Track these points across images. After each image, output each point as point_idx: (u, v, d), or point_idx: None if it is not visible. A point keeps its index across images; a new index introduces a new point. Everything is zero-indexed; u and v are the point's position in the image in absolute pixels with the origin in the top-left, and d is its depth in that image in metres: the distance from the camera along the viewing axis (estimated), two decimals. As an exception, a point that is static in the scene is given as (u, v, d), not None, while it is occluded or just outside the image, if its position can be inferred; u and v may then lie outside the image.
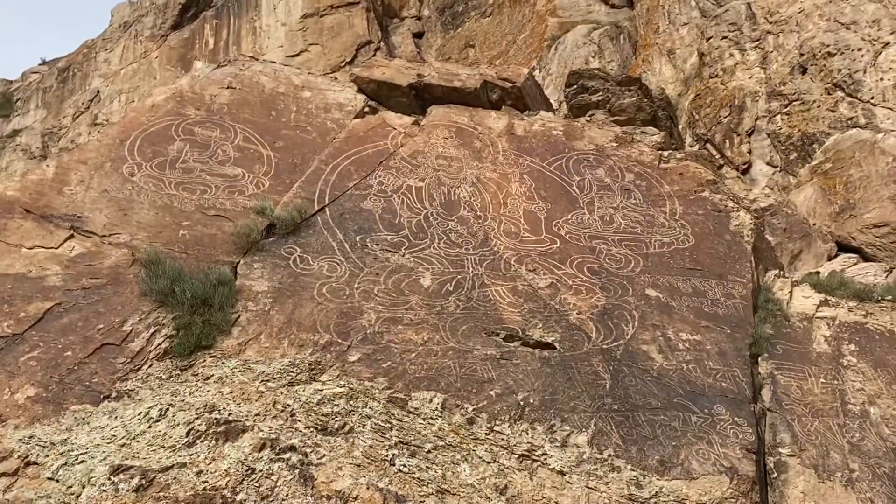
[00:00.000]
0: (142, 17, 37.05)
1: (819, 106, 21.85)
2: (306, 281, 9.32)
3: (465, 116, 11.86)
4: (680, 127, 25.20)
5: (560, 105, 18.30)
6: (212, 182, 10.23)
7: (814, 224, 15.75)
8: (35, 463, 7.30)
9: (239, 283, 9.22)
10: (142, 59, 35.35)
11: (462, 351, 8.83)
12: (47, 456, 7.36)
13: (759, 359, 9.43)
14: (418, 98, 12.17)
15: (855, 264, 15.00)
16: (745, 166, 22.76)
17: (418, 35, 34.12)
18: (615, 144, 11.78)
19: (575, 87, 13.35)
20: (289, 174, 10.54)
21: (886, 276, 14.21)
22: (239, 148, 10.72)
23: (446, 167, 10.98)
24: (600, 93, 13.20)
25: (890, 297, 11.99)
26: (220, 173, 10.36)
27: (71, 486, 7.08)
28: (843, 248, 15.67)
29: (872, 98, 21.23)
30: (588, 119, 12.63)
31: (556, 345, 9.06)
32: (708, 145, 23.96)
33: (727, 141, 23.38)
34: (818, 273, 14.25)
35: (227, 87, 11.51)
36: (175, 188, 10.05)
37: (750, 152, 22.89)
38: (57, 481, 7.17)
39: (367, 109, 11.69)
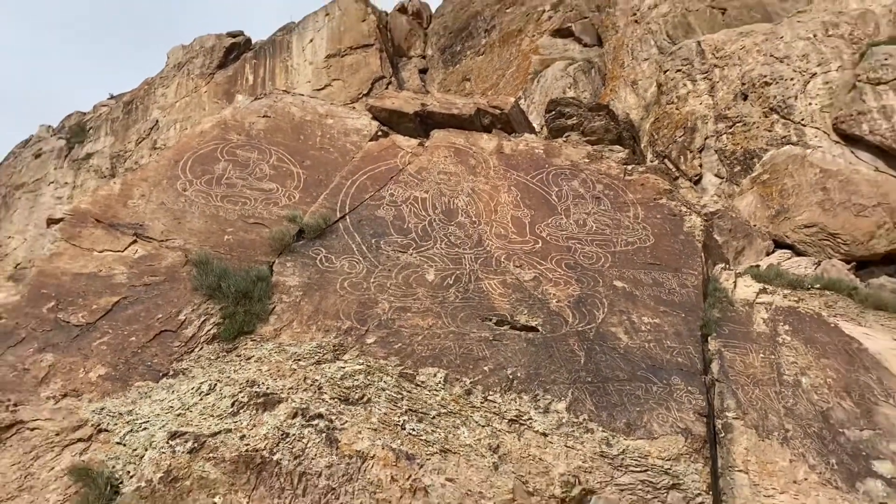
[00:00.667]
0: (192, 58, 37.08)
1: (758, 127, 21.90)
2: (330, 276, 9.36)
3: (462, 138, 11.89)
4: (642, 145, 25.21)
5: (541, 128, 18.31)
6: (251, 195, 10.25)
7: (754, 225, 15.80)
8: (106, 430, 7.36)
9: (274, 279, 9.25)
10: (192, 93, 35.38)
11: (460, 334, 8.86)
12: (115, 424, 7.42)
13: (709, 338, 9.46)
14: (423, 123, 12.21)
15: (789, 258, 15.03)
16: (696, 178, 22.80)
17: (423, 71, 34.13)
18: (587, 160, 11.81)
19: (553, 112, 13.42)
20: (315, 188, 10.57)
21: (815, 268, 14.23)
22: (273, 167, 10.75)
23: (446, 181, 11.02)
24: (574, 117, 13.25)
25: (818, 286, 12.01)
26: (257, 188, 10.39)
27: (136, 449, 7.13)
28: (779, 245, 15.71)
29: (802, 120, 21.28)
30: (565, 139, 12.67)
31: (539, 328, 9.09)
32: (665, 160, 23.98)
33: (681, 157, 23.41)
34: (758, 266, 14.29)
35: (263, 116, 11.54)
36: (220, 200, 10.09)
37: (700, 166, 22.92)
38: (124, 445, 7.23)
39: (380, 133, 11.72)
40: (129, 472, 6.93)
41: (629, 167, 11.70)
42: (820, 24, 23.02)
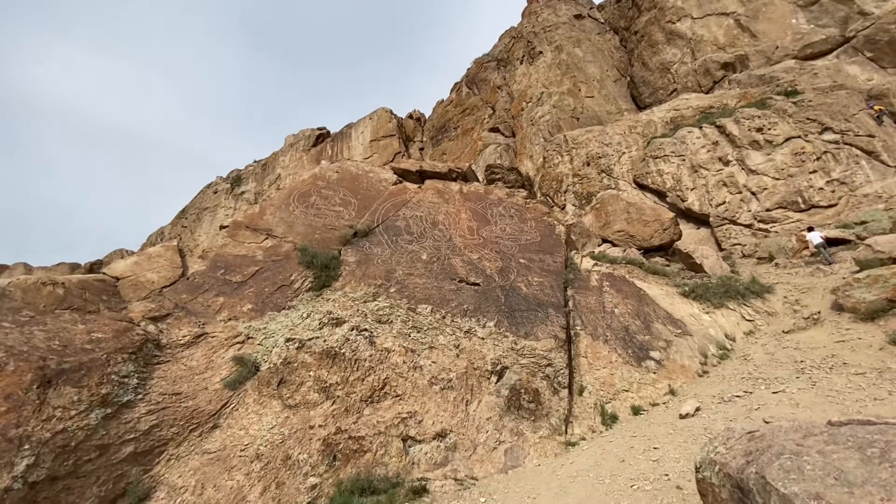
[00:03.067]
0: (299, 141, 36.54)
1: (594, 180, 21.95)
2: (371, 257, 9.30)
3: (441, 184, 11.87)
4: (535, 189, 25.30)
5: (483, 179, 18.33)
6: (329, 213, 10.15)
7: (591, 230, 15.93)
8: (251, 338, 7.28)
9: (341, 258, 9.16)
10: (298, 160, 34.87)
11: (440, 287, 8.86)
12: (256, 334, 7.34)
13: (567, 288, 9.54)
14: (420, 176, 12.19)
15: (610, 248, 15.13)
16: (563, 205, 22.80)
17: (421, 149, 33.88)
18: (507, 196, 11.84)
19: (489, 171, 13.47)
20: (363, 210, 10.49)
21: (623, 252, 14.35)
22: (341, 198, 10.65)
23: (433, 206, 10.99)
24: (499, 174, 13.30)
25: (625, 261, 12.14)
26: (333, 210, 10.29)
27: (267, 348, 7.08)
28: (605, 241, 15.82)
29: (618, 176, 21.37)
30: (494, 185, 12.68)
31: (480, 283, 9.11)
32: (547, 197, 23.88)
33: (555, 195, 23.34)
34: (594, 252, 14.38)
35: (336, 172, 11.43)
36: (312, 216, 9.97)
37: (565, 200, 22.93)
38: (261, 345, 7.17)
39: (398, 181, 11.67)
40: (264, 359, 6.90)
41: (528, 201, 11.75)
42: (627, 127, 23.10)
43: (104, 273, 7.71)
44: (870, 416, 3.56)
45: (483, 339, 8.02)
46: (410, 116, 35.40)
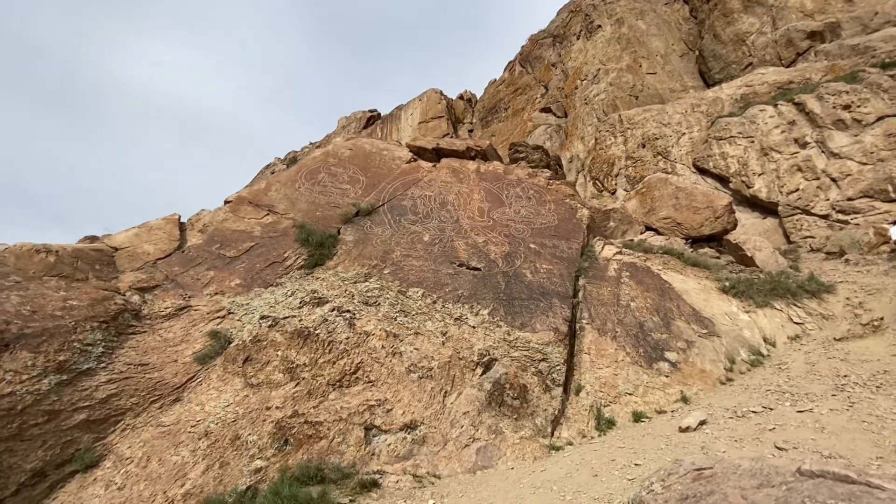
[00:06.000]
0: (350, 123, 37.09)
1: (648, 163, 20.59)
2: (370, 237, 9.02)
3: (457, 163, 11.34)
4: (584, 172, 24.09)
5: (507, 158, 17.48)
6: (335, 191, 9.96)
7: (634, 216, 14.72)
8: (232, 313, 7.23)
9: (340, 236, 8.96)
10: (348, 141, 35.41)
11: (436, 270, 8.44)
12: (238, 309, 7.28)
13: (579, 278, 8.79)
14: (437, 154, 11.67)
15: (653, 236, 13.93)
16: (613, 191, 21.63)
17: (470, 130, 33.22)
18: (528, 177, 11.09)
19: (512, 150, 12.72)
20: (371, 188, 10.21)
21: (666, 241, 13.15)
22: (350, 176, 10.43)
23: (444, 186, 10.51)
24: (523, 152, 12.52)
25: (661, 251, 11.11)
26: (339, 188, 10.09)
27: (244, 324, 7.01)
28: (648, 228, 14.61)
29: (675, 159, 19.92)
30: (516, 165, 11.92)
31: (482, 268, 8.58)
32: (596, 181, 22.80)
33: (605, 179, 22.19)
34: (632, 240, 13.33)
35: (349, 149, 11.21)
36: (317, 194, 9.82)
37: (616, 185, 21.73)
38: (240, 321, 7.10)
39: (412, 159, 11.26)
40: (239, 335, 6.82)
41: (550, 182, 10.93)
42: (689, 105, 21.36)
43: (104, 242, 7.98)
44: (858, 470, 2.77)
45: (474, 327, 7.52)
46: (461, 97, 34.79)
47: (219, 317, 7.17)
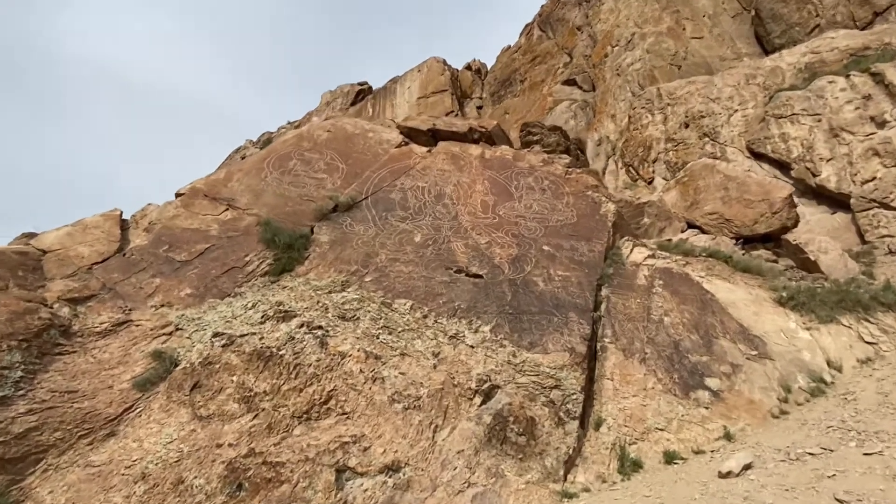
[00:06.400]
0: (336, 98, 37.13)
1: (693, 146, 20.44)
2: (350, 236, 8.93)
3: (458, 147, 11.21)
4: (615, 157, 23.94)
5: (519, 141, 17.31)
6: (308, 182, 9.88)
7: (674, 211, 14.51)
8: (181, 329, 7.19)
9: (313, 236, 8.90)
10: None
11: (429, 277, 8.33)
12: (188, 325, 7.25)
13: (602, 287, 8.63)
14: (433, 137, 11.54)
15: (696, 235, 13.74)
16: (650, 179, 21.51)
17: (479, 107, 33.09)
18: (542, 164, 10.95)
19: (524, 132, 12.58)
20: (352, 178, 10.11)
21: (712, 241, 12.97)
22: (327, 164, 10.34)
23: (441, 175, 10.40)
24: (537, 134, 12.39)
25: (704, 254, 10.94)
26: (314, 177, 10.01)
27: (193, 343, 6.96)
28: (691, 226, 14.41)
29: (725, 141, 19.77)
30: (529, 150, 11.78)
31: (484, 275, 8.46)
32: (630, 168, 22.67)
33: (641, 165, 22.06)
34: (670, 240, 13.16)
35: (327, 131, 11.12)
36: (287, 185, 9.74)
37: (653, 172, 21.60)
38: (190, 339, 7.05)
39: (403, 143, 11.14)
40: (187, 356, 6.76)
41: (570, 170, 10.77)
42: (743, 76, 21.11)
43: (30, 244, 7.96)
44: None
45: (472, 347, 7.41)
46: (468, 68, 34.71)
47: (164, 334, 7.12)
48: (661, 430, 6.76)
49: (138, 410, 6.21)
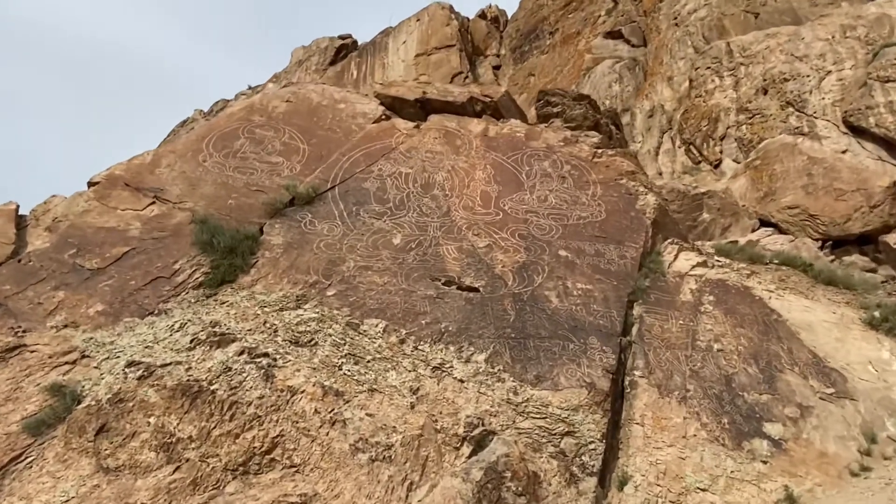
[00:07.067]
0: (310, 56, 37.56)
1: (772, 117, 20.53)
2: (310, 237, 9.16)
3: (454, 122, 11.42)
4: (672, 133, 24.05)
5: (535, 114, 17.52)
6: (259, 167, 10.13)
7: (743, 204, 14.63)
8: (88, 356, 7.45)
9: (263, 237, 9.14)
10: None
11: (409, 291, 8.52)
12: (98, 352, 7.50)
13: (635, 304, 8.78)
14: (423, 109, 11.74)
15: (770, 236, 13.87)
16: (717, 162, 21.64)
17: (496, 67, 33.39)
18: (562, 144, 11.12)
19: (541, 101, 12.74)
20: (315, 162, 10.34)
21: (789, 244, 13.10)
22: (284, 143, 10.59)
23: (430, 159, 10.60)
24: (559, 106, 12.53)
25: (776, 261, 11.05)
26: (266, 161, 10.26)
27: (102, 374, 7.18)
28: (765, 223, 14.54)
29: (815, 112, 19.86)
30: (547, 125, 11.96)
31: (481, 289, 8.64)
32: (691, 146, 22.81)
33: (704, 144, 22.20)
34: (736, 241, 13.28)
35: (286, 101, 11.35)
36: (232, 171, 10.00)
37: (721, 152, 21.73)
38: (98, 369, 7.29)
39: (383, 117, 11.36)
40: (93, 391, 6.97)
41: (599, 150, 10.94)
42: (838, 27, 21.18)
43: None
44: None
45: (462, 381, 7.58)
46: (483, 16, 35.09)
47: (67, 362, 7.36)
48: (704, 490, 6.87)
49: (28, 460, 6.42)
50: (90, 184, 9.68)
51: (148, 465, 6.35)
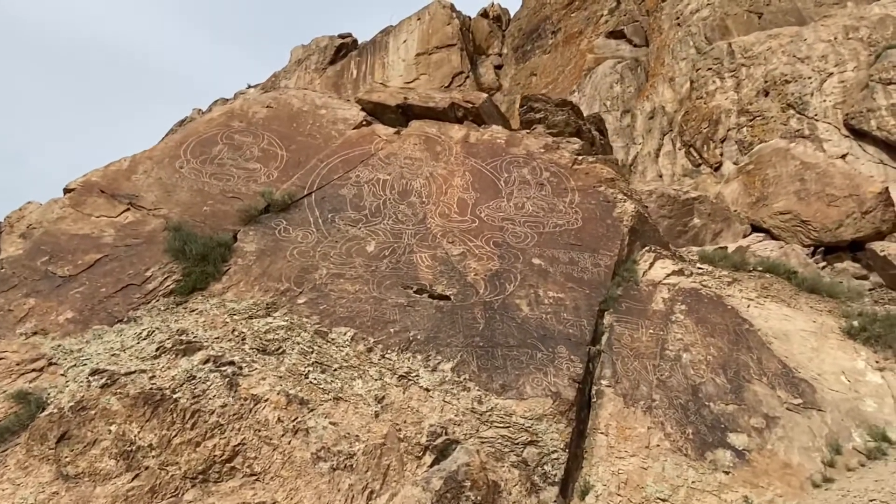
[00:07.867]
0: (310, 55, 37.84)
1: (773, 120, 20.60)
2: (284, 245, 9.31)
3: (435, 128, 11.57)
4: (672, 135, 24.10)
5: (518, 119, 17.62)
6: (236, 173, 10.29)
7: (734, 210, 14.70)
8: (56, 364, 7.61)
9: (236, 244, 9.28)
10: (308, 84, 36.07)
11: (380, 299, 8.68)
12: (65, 359, 7.65)
13: (606, 313, 8.90)
14: (405, 115, 11.90)
15: (760, 241, 13.93)
16: (717, 165, 21.72)
17: (498, 67, 33.53)
18: (543, 150, 11.26)
19: (525, 107, 12.87)
20: (293, 168, 10.51)
21: (779, 250, 13.16)
22: (262, 149, 10.76)
23: (409, 165, 10.76)
24: (540, 110, 12.65)
25: (760, 268, 11.16)
26: (243, 167, 10.42)
27: (67, 381, 7.36)
28: (756, 229, 14.60)
29: (816, 115, 19.92)
30: (528, 131, 12.08)
31: (452, 297, 8.79)
32: (691, 149, 22.88)
33: (705, 146, 22.28)
34: (724, 248, 13.36)
35: (266, 107, 11.54)
36: (208, 177, 10.16)
37: (721, 154, 21.80)
38: (65, 376, 7.46)
39: (364, 123, 11.53)
40: (58, 398, 7.16)
41: (579, 157, 11.07)
42: (841, 28, 21.22)
43: None
44: None
45: (427, 390, 7.73)
46: (485, 15, 35.24)
47: (34, 370, 7.54)
48: (664, 500, 6.98)
49: (-8, 467, 6.61)
50: (66, 190, 9.90)
51: (107, 473, 6.53)
